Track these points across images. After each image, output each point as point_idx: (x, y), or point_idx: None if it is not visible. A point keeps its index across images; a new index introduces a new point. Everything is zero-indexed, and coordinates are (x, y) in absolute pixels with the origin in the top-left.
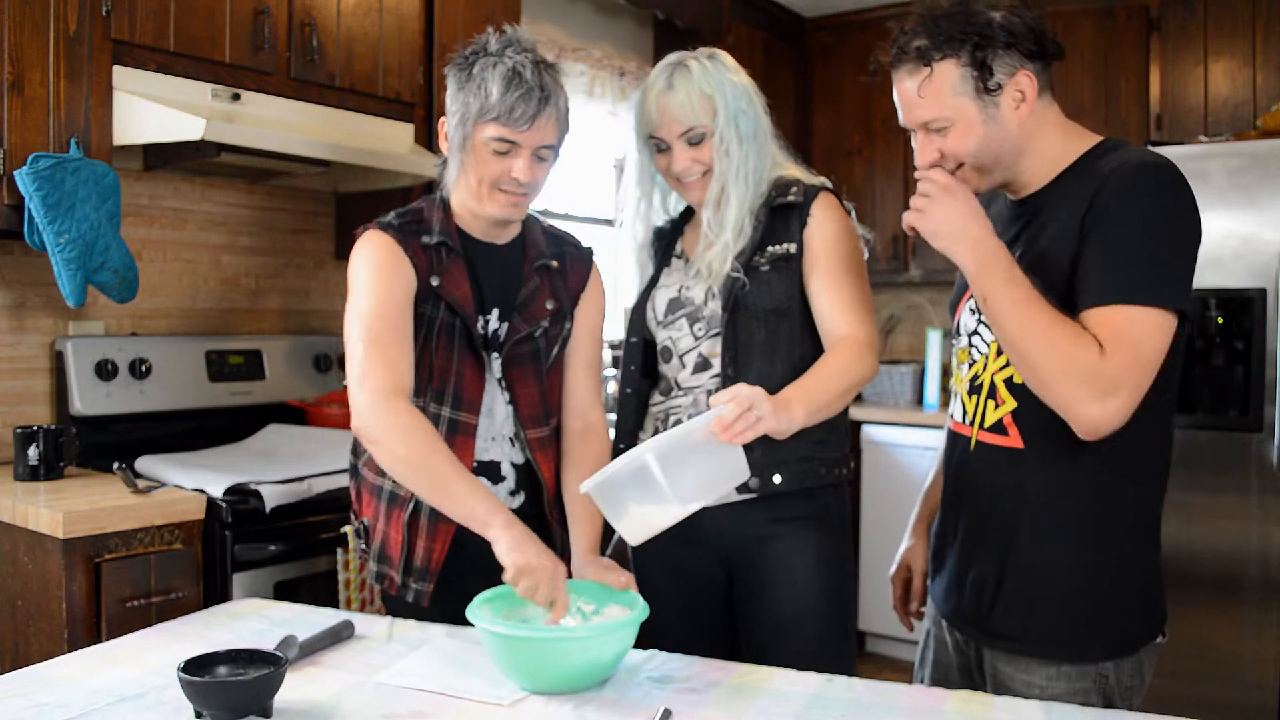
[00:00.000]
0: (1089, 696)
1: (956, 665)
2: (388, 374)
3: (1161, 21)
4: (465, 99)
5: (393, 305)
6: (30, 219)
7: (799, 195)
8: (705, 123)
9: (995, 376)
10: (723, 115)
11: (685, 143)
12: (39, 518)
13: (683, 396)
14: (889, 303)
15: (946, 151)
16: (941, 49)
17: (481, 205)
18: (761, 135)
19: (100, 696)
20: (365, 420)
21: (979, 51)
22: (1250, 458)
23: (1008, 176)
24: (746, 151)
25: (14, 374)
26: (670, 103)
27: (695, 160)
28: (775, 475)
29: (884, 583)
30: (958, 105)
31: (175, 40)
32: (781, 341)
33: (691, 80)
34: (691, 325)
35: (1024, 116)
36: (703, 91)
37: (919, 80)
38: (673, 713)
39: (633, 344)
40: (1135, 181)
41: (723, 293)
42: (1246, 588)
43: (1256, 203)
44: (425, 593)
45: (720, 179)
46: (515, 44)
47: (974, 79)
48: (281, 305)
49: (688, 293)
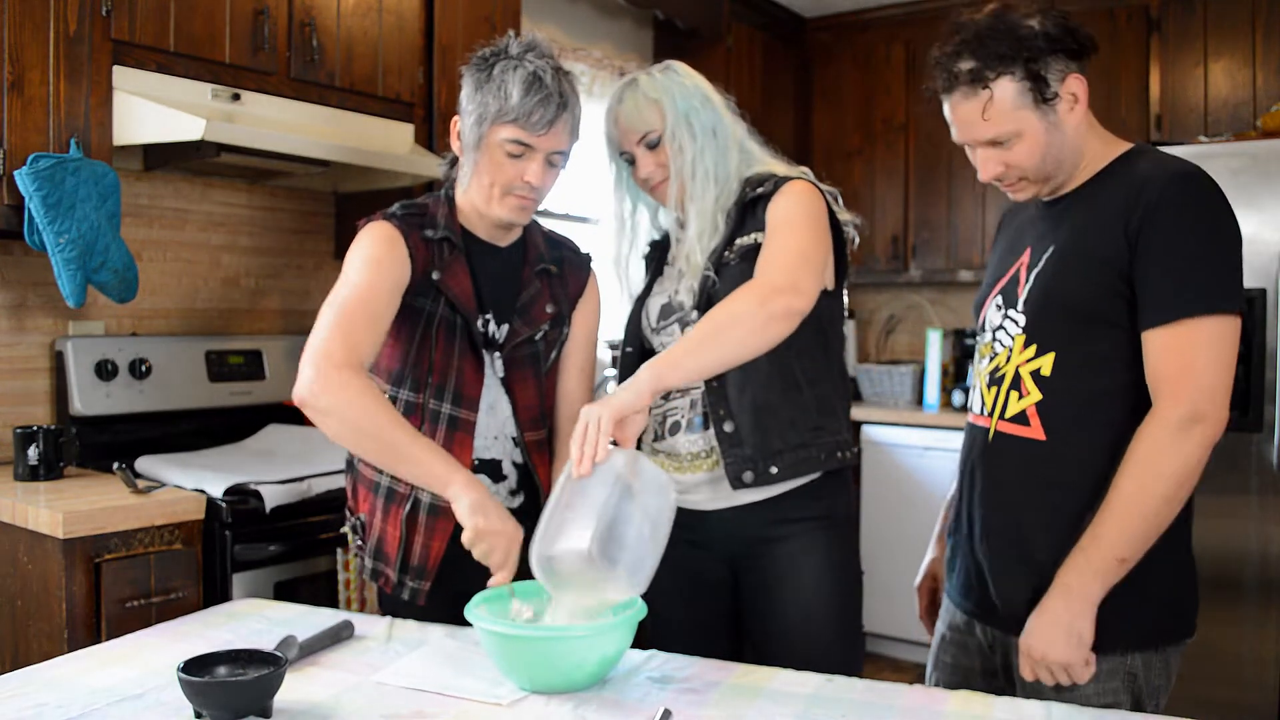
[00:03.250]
0: (1118, 696)
1: (980, 668)
2: (344, 349)
3: (1161, 21)
4: (483, 99)
5: (376, 291)
6: (30, 219)
7: (769, 187)
8: (655, 125)
9: (1021, 369)
10: (671, 115)
11: (645, 148)
12: (39, 518)
13: (680, 399)
14: (889, 303)
15: (1011, 164)
16: (994, 68)
17: (490, 207)
18: (721, 132)
19: (100, 696)
20: (310, 390)
21: (1032, 64)
22: (1250, 458)
23: (1064, 179)
24: (702, 147)
25: (14, 374)
26: (622, 114)
27: (656, 164)
28: (771, 466)
29: (884, 582)
30: (1020, 119)
31: (175, 40)
32: None
33: (638, 90)
34: (682, 329)
35: (1080, 117)
36: (648, 97)
37: (979, 103)
38: (673, 713)
39: (629, 353)
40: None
41: (696, 291)
42: (1246, 588)
43: (1256, 203)
44: (422, 591)
45: (677, 176)
46: (535, 49)
47: (1031, 91)
48: (281, 305)
49: (677, 297)
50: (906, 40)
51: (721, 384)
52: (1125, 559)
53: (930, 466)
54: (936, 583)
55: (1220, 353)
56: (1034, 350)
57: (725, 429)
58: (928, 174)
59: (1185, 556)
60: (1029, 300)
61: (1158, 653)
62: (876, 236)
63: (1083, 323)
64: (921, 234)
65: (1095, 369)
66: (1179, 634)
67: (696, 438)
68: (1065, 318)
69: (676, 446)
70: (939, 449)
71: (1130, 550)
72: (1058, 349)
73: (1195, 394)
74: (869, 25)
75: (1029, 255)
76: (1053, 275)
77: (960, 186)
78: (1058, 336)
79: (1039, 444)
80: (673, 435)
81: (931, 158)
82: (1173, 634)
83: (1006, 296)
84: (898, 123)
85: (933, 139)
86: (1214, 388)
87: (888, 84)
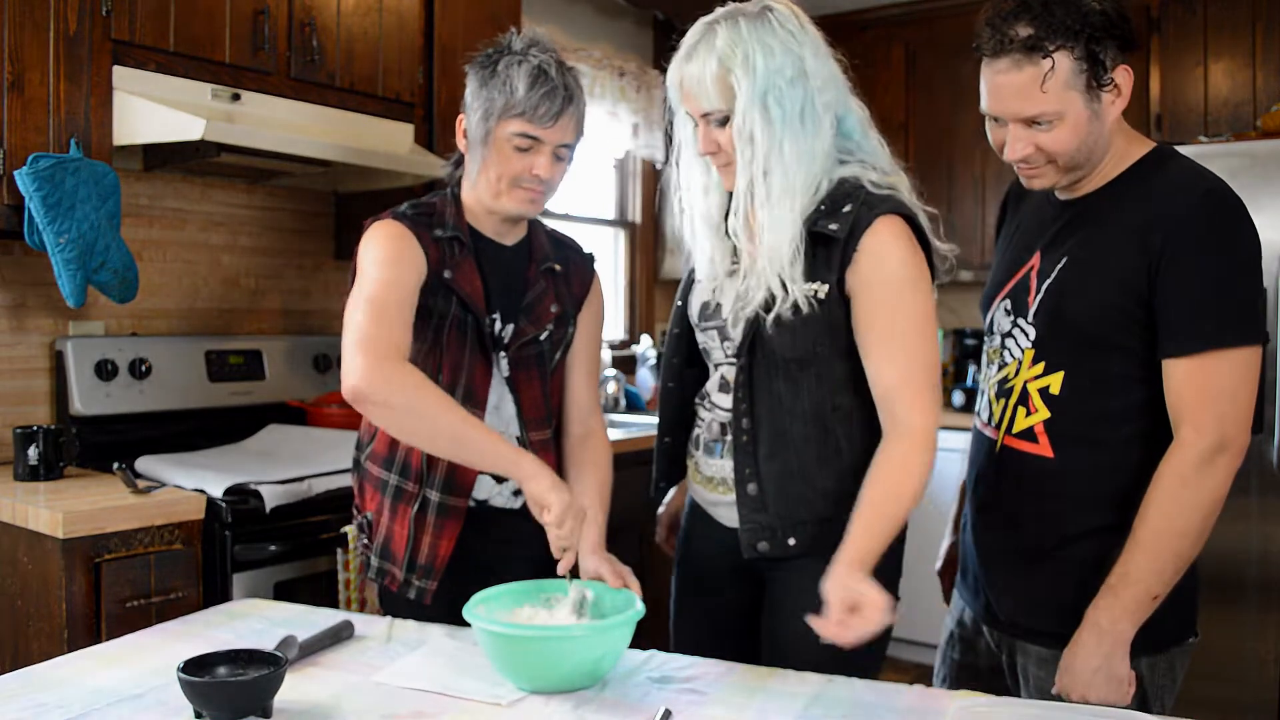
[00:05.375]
0: None
1: (986, 667)
2: (387, 342)
3: (1161, 21)
4: (489, 95)
5: (401, 285)
6: (30, 219)
7: (843, 229)
8: (721, 106)
9: (1030, 384)
10: (744, 97)
11: (710, 124)
12: (39, 518)
13: (708, 412)
14: None
15: (1044, 147)
16: (1054, 39)
17: (499, 201)
18: (811, 117)
19: (100, 696)
20: (368, 382)
21: (1093, 44)
22: (1250, 458)
23: (1088, 173)
24: (780, 139)
25: (14, 374)
26: (686, 77)
27: (717, 143)
28: (790, 538)
29: None
30: (1068, 100)
31: (175, 40)
32: (804, 395)
33: (713, 51)
34: (721, 342)
35: (1118, 112)
36: (723, 65)
37: (1030, 75)
38: (673, 713)
39: (675, 335)
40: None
41: (743, 331)
42: (1246, 588)
43: (1256, 203)
44: (428, 590)
45: (745, 174)
46: (539, 44)
47: (1086, 73)
48: (281, 305)
49: (718, 298)
50: (906, 40)
51: (753, 441)
52: (1157, 596)
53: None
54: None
55: (1244, 381)
56: (1043, 367)
57: (749, 490)
58: (928, 174)
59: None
60: (1039, 313)
61: (1163, 655)
62: None
63: (1094, 344)
64: None
65: (1105, 389)
66: (1182, 635)
67: (716, 463)
68: (1076, 338)
69: (699, 463)
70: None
71: (1161, 587)
72: (1067, 368)
73: (1219, 424)
74: (869, 25)
75: (1040, 260)
76: (1065, 292)
77: (960, 186)
78: (1068, 355)
79: (1046, 461)
80: (696, 450)
81: (931, 157)
82: (1177, 636)
83: (1016, 303)
84: (897, 122)
85: (932, 139)
86: (1238, 416)
87: (887, 84)
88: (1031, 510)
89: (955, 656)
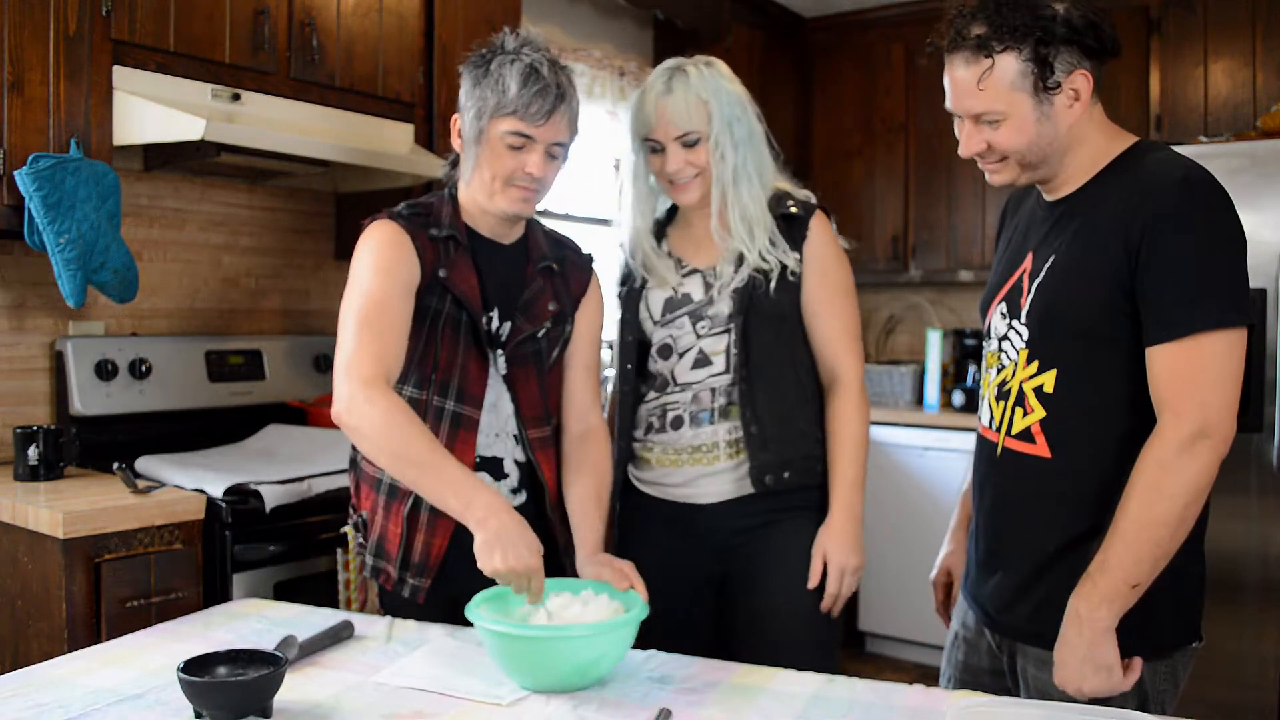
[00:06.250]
0: (1125, 700)
1: (988, 668)
2: (371, 362)
3: (1161, 22)
4: (482, 94)
5: (391, 293)
6: (30, 219)
7: (801, 210)
8: (700, 128)
9: (1025, 385)
10: (718, 121)
11: (680, 145)
12: (39, 518)
13: (680, 392)
14: (889, 303)
15: (994, 145)
16: (1003, 39)
17: (493, 200)
18: (756, 141)
19: (100, 696)
20: (344, 407)
21: (1042, 47)
22: (1250, 458)
23: (1051, 173)
24: (743, 155)
25: (14, 374)
26: (668, 106)
27: (689, 162)
28: (785, 471)
29: (884, 583)
30: (1013, 101)
31: (175, 40)
32: (784, 345)
33: (689, 85)
34: (695, 324)
35: (1075, 117)
36: (699, 96)
37: (977, 71)
38: (673, 713)
39: (628, 342)
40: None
41: (738, 295)
42: (1246, 588)
43: (1256, 203)
44: (422, 588)
45: (719, 183)
46: (531, 44)
47: (1033, 75)
48: (281, 305)
49: (684, 290)
50: (906, 40)
51: (751, 387)
52: (1136, 585)
53: (930, 467)
54: (951, 577)
55: (1227, 366)
56: (1036, 367)
57: (752, 430)
58: (928, 174)
59: (1197, 567)
60: (1030, 314)
61: (1164, 660)
62: (876, 237)
63: (1084, 339)
64: (921, 234)
65: (1097, 384)
66: (1185, 640)
67: (704, 431)
68: (1066, 335)
69: (678, 440)
70: (939, 449)
71: (1141, 576)
72: (1059, 365)
73: (1201, 410)
74: (869, 25)
75: (1031, 262)
76: (1052, 290)
77: (960, 186)
78: (1059, 353)
79: (1044, 461)
80: (675, 429)
81: (931, 157)
82: (1179, 640)
83: (1010, 305)
84: (897, 122)
85: (932, 139)
86: (1220, 403)
87: (887, 84)
88: (1032, 512)
89: (959, 658)
